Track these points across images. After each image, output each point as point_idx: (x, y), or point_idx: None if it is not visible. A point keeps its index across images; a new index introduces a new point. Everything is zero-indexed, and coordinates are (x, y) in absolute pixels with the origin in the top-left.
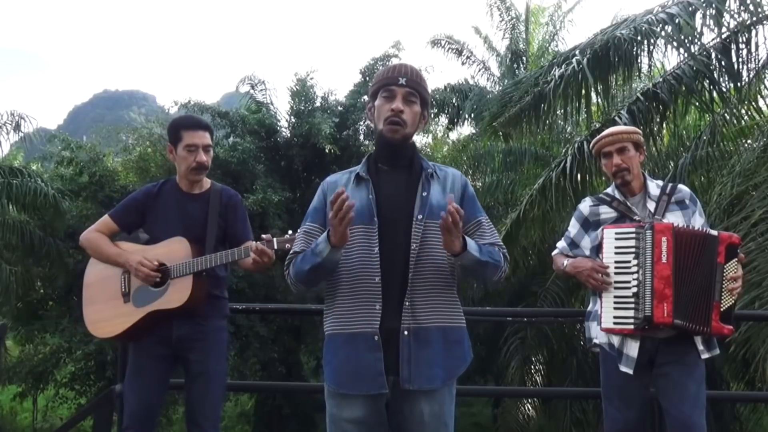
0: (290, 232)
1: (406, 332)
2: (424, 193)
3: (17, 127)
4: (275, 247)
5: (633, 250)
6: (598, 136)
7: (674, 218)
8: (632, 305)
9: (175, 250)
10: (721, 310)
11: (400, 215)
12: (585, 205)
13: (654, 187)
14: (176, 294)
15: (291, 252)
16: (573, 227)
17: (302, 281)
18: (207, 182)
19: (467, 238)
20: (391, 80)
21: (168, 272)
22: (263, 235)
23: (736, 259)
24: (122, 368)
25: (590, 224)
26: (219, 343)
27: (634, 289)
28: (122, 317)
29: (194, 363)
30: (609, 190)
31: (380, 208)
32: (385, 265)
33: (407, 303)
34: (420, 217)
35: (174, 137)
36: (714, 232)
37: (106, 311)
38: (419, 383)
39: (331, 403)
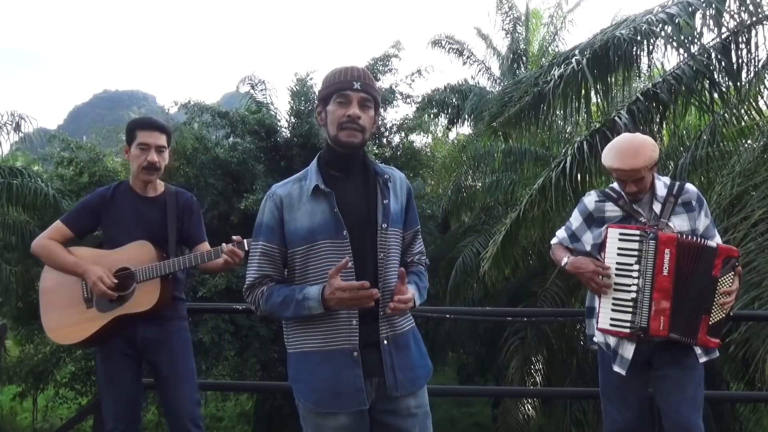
0: None
1: (385, 341)
2: (385, 201)
3: (17, 128)
4: (246, 248)
5: (635, 253)
6: (611, 153)
7: (680, 221)
8: (630, 310)
9: (138, 253)
10: (710, 323)
11: (363, 224)
12: (590, 200)
13: (661, 186)
14: (144, 297)
15: (250, 276)
16: (575, 220)
17: (277, 318)
18: (161, 185)
19: (414, 294)
20: (346, 85)
21: (133, 276)
22: (234, 237)
23: (733, 272)
24: None
25: (594, 220)
26: (184, 343)
27: (633, 294)
28: (86, 323)
29: (163, 365)
30: (615, 185)
31: (344, 219)
32: (357, 278)
33: (381, 312)
34: (384, 225)
35: (129, 137)
36: (713, 244)
37: (69, 317)
38: (406, 389)
39: (309, 414)
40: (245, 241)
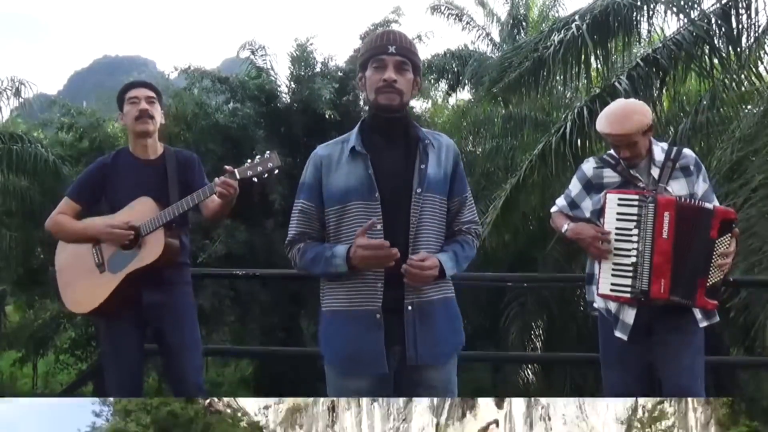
0: (258, 157)
1: (410, 307)
2: (422, 166)
3: (17, 93)
4: (238, 177)
5: (634, 218)
6: (602, 118)
7: (678, 186)
8: (630, 274)
9: (140, 210)
10: (708, 284)
11: (399, 189)
12: (588, 166)
13: (659, 151)
14: (150, 249)
15: (290, 233)
16: (574, 187)
17: (311, 275)
18: (161, 146)
19: (442, 263)
20: (381, 49)
21: (138, 231)
22: (226, 167)
23: (730, 233)
24: None
25: (593, 186)
26: (189, 310)
27: (633, 259)
28: (101, 286)
29: (169, 333)
30: (613, 151)
31: (378, 183)
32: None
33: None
34: (419, 190)
35: (120, 101)
36: (710, 206)
37: (86, 285)
38: (425, 361)
39: (332, 374)
40: (236, 170)
